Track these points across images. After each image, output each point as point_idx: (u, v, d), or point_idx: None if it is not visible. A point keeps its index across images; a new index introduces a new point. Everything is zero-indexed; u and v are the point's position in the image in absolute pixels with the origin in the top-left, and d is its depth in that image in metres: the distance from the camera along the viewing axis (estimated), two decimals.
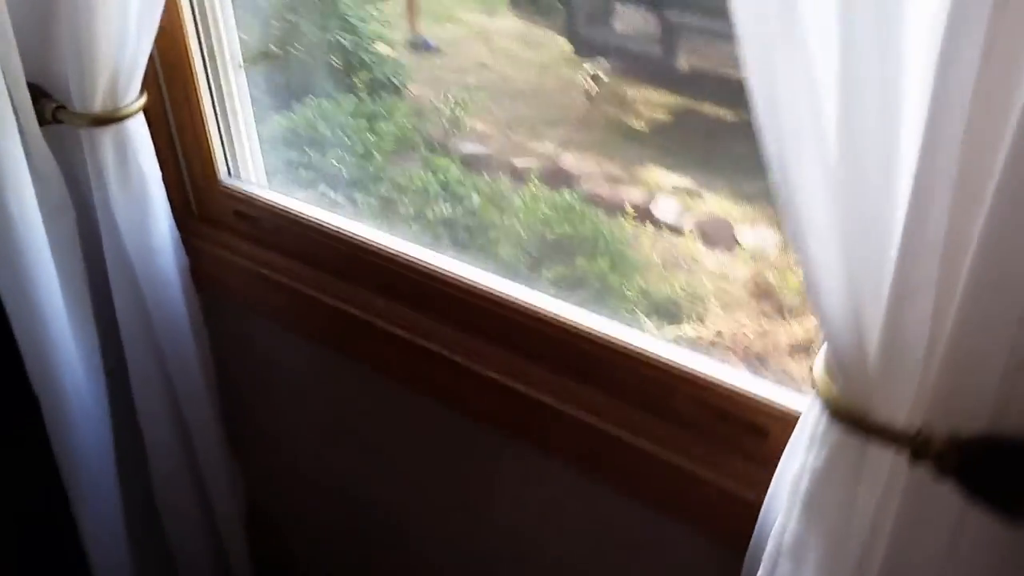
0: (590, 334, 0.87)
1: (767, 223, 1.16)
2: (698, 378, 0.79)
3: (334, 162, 1.13)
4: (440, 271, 0.97)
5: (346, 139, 1.13)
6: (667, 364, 0.81)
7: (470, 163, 1.22)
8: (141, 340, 1.19)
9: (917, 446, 0.51)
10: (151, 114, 1.10)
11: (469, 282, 0.95)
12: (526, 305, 0.91)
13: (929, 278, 0.47)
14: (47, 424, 1.17)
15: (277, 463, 1.38)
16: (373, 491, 1.24)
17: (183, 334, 1.20)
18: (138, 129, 1.03)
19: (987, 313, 0.47)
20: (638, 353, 0.83)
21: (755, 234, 1.19)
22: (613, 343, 0.85)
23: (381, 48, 1.18)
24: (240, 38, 1.12)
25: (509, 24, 1.35)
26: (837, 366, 0.54)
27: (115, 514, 1.31)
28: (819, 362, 0.57)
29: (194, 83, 1.09)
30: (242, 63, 1.15)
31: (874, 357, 0.52)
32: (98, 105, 0.98)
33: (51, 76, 1.01)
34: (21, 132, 1.00)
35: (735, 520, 0.75)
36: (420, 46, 1.46)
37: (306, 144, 1.16)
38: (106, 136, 1.01)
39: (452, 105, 1.25)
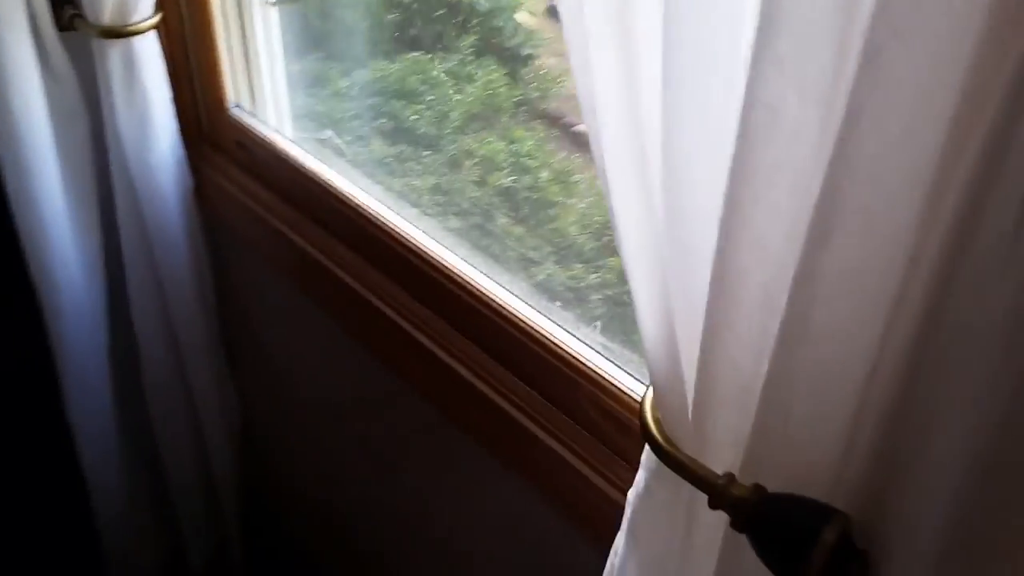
0: (510, 312, 0.85)
1: None
2: (600, 379, 0.77)
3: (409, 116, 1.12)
4: (389, 226, 0.97)
5: (429, 97, 1.12)
6: (574, 358, 0.79)
7: (581, 142, 1.18)
8: (139, 252, 1.23)
9: (716, 492, 0.48)
10: (171, 33, 1.13)
11: (412, 241, 0.95)
12: (468, 279, 0.90)
13: (737, 319, 0.44)
14: (46, 320, 1.24)
15: (269, 385, 1.42)
16: (339, 429, 1.26)
17: (179, 251, 1.24)
18: (146, 48, 1.05)
19: (800, 365, 0.43)
20: (550, 341, 0.81)
21: None
22: (529, 326, 0.83)
23: (521, 17, 1.16)
24: None
25: None
26: (657, 399, 0.51)
27: (106, 415, 1.38)
28: (648, 392, 0.54)
29: (210, 12, 1.10)
30: (273, 1, 1.16)
31: (689, 395, 0.48)
32: (107, 17, 1.01)
33: None
34: (37, 35, 1.04)
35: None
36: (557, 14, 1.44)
37: (391, 96, 1.15)
38: (114, 50, 1.04)
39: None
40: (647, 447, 0.53)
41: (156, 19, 1.05)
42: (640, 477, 0.54)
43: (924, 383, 0.40)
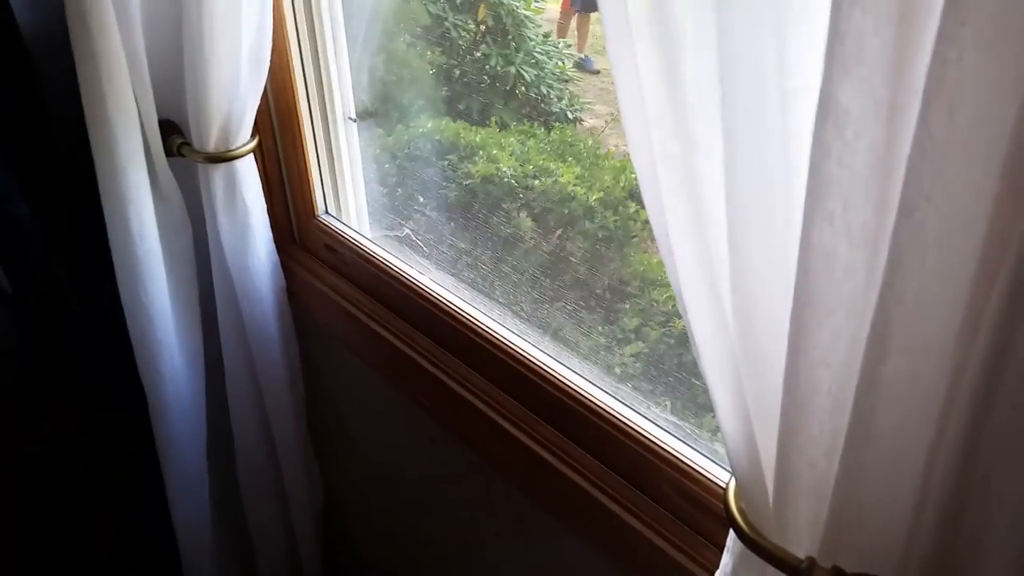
0: (593, 403, 0.92)
1: None
2: (679, 463, 0.83)
3: None
4: (475, 323, 1.06)
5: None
6: (653, 443, 0.86)
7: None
8: (237, 346, 1.34)
9: (799, 575, 0.54)
10: (266, 153, 1.26)
11: (501, 339, 1.03)
12: (548, 369, 0.98)
13: (809, 421, 0.51)
14: (150, 414, 1.35)
15: (353, 469, 1.50)
16: (421, 514, 1.34)
17: (274, 344, 1.34)
18: (246, 168, 1.17)
19: (867, 461, 0.50)
20: (630, 428, 0.88)
21: None
22: (611, 415, 0.90)
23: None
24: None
25: None
26: (740, 491, 0.58)
27: (202, 498, 1.47)
28: (731, 483, 0.61)
29: (300, 132, 1.22)
30: (354, 117, 1.28)
31: (770, 488, 0.55)
32: (212, 146, 1.13)
33: (181, 115, 1.17)
34: (151, 162, 1.17)
35: None
36: (584, 65, 1.57)
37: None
38: (218, 173, 1.16)
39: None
40: (732, 533, 0.60)
41: (253, 143, 1.16)
42: (727, 560, 0.61)
43: (982, 462, 0.46)
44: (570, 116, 1.31)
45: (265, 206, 1.23)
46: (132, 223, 1.15)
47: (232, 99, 1.07)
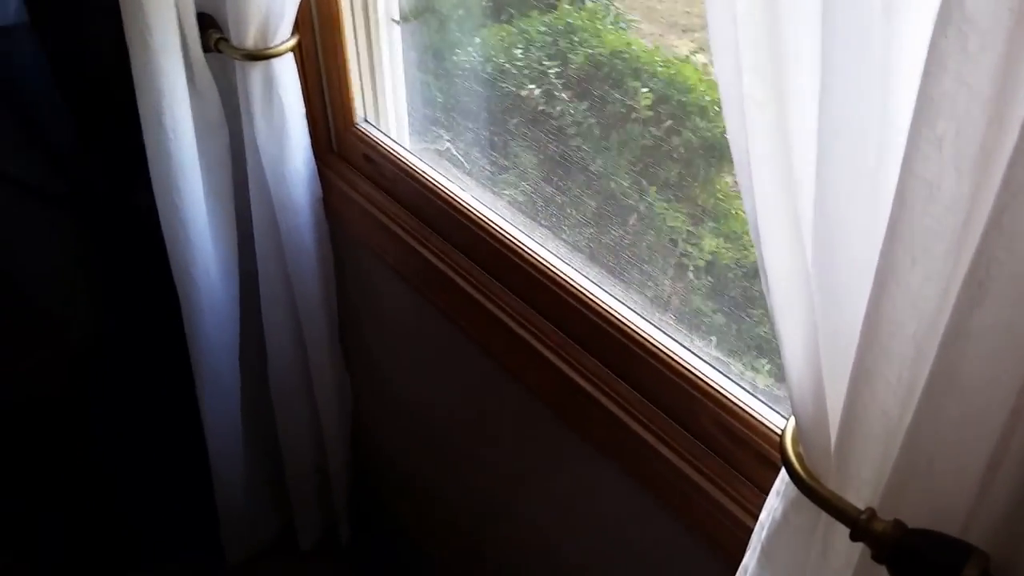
0: (635, 331, 0.89)
1: None
2: (724, 399, 0.80)
3: None
4: (518, 244, 1.02)
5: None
6: (698, 377, 0.82)
7: None
8: (272, 256, 1.32)
9: (859, 526, 0.51)
10: (305, 54, 1.20)
11: (543, 262, 0.99)
12: (594, 299, 0.94)
13: (887, 366, 0.47)
14: (183, 316, 1.34)
15: (380, 382, 1.49)
16: (448, 428, 1.33)
17: (308, 253, 1.31)
18: (285, 68, 1.12)
19: (946, 414, 0.46)
20: (669, 357, 0.85)
21: None
22: (651, 343, 0.87)
23: None
24: None
25: None
26: (800, 435, 0.54)
27: (234, 404, 1.47)
28: (789, 424, 0.57)
29: (341, 33, 1.17)
30: (398, 18, 1.22)
31: (833, 434, 0.51)
32: (250, 42, 1.08)
33: (219, 9, 1.12)
34: (187, 56, 1.12)
35: (739, 546, 0.76)
36: None
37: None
38: (255, 71, 1.11)
39: None
40: (787, 478, 0.56)
41: (293, 41, 1.11)
42: (777, 505, 0.58)
43: None
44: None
45: (304, 110, 1.18)
46: (166, 118, 1.11)
47: None
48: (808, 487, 0.54)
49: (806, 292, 0.50)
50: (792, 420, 0.57)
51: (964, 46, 0.37)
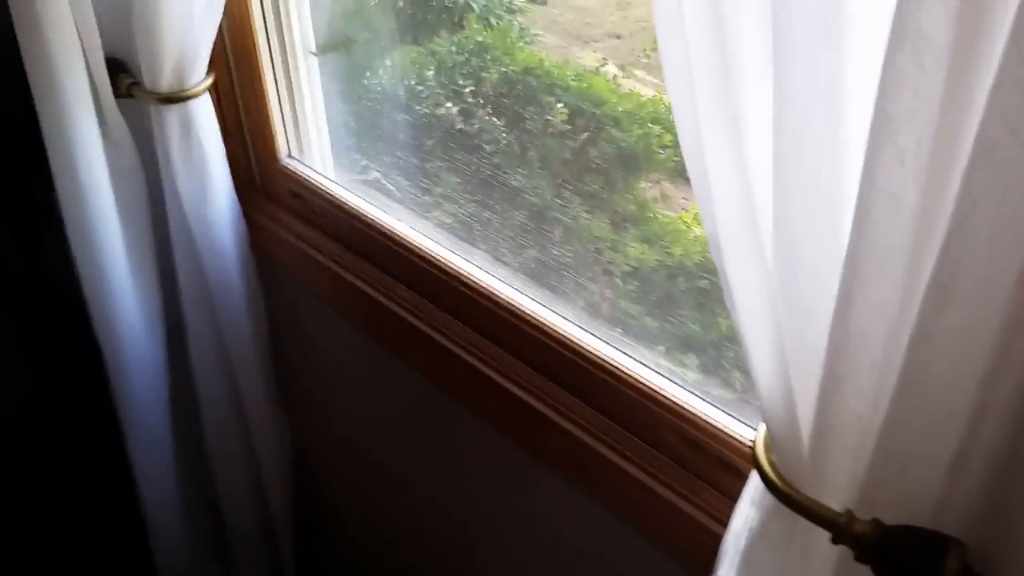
0: (588, 351, 0.89)
1: None
2: (680, 409, 0.81)
3: None
4: (460, 271, 1.01)
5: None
6: (653, 390, 0.83)
7: None
8: (199, 302, 1.27)
9: (840, 529, 0.52)
10: (223, 92, 1.17)
11: (488, 288, 0.99)
12: (537, 317, 0.94)
13: (857, 372, 0.48)
14: (109, 375, 1.28)
15: (322, 423, 1.46)
16: (396, 462, 1.30)
17: (238, 299, 1.27)
18: (202, 109, 1.09)
19: (916, 413, 0.48)
20: (628, 376, 0.85)
21: None
22: (607, 363, 0.87)
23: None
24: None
25: None
26: (773, 443, 0.56)
27: (168, 459, 1.41)
28: (760, 432, 0.58)
29: (259, 68, 1.14)
30: (315, 50, 1.20)
31: (806, 440, 0.53)
32: (165, 85, 1.05)
33: (130, 53, 1.08)
34: (98, 103, 1.08)
35: (707, 553, 0.77)
36: None
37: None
38: (172, 114, 1.08)
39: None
40: (761, 486, 0.57)
41: (209, 81, 1.08)
42: (753, 514, 0.59)
43: None
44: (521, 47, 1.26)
45: (224, 150, 1.15)
46: (80, 170, 1.07)
47: (186, 33, 0.99)
48: (784, 494, 0.55)
49: (770, 305, 0.51)
50: (763, 428, 0.58)
51: (921, 63, 0.38)
